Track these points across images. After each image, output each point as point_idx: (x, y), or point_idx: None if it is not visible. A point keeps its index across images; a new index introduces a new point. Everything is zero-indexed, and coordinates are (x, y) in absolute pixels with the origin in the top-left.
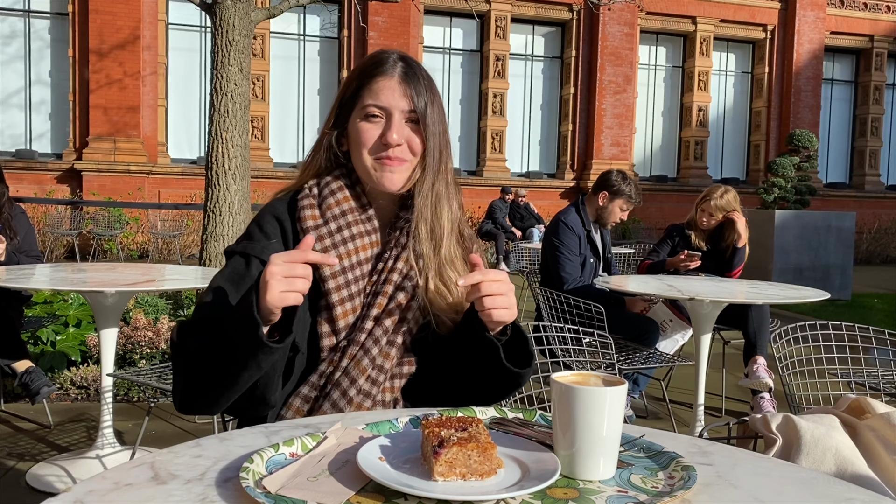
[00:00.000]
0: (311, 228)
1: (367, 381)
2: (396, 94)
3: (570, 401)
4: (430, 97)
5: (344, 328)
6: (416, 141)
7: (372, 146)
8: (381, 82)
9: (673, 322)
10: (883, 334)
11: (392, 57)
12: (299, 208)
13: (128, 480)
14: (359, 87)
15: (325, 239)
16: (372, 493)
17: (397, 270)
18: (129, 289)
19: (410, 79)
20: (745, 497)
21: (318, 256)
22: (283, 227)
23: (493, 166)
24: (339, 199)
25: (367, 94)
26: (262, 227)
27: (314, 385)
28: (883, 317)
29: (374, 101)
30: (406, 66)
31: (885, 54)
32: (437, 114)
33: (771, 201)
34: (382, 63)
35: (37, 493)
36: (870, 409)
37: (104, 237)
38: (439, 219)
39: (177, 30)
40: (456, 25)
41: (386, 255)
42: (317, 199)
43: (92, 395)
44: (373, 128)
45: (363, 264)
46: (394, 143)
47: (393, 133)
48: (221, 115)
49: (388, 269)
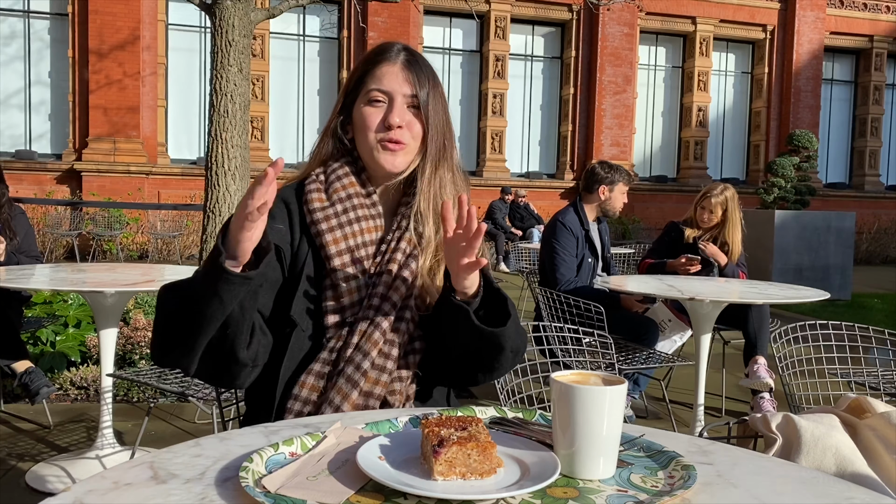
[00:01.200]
0: (318, 210)
1: (381, 355)
2: (399, 79)
3: (569, 400)
4: (432, 86)
5: (350, 306)
6: (416, 126)
7: (374, 128)
8: (385, 68)
9: (672, 322)
10: (883, 334)
11: (396, 46)
12: (306, 192)
13: (127, 480)
14: (363, 74)
15: (332, 219)
16: (371, 493)
17: (401, 250)
18: (128, 289)
19: (413, 66)
20: (745, 496)
21: (270, 174)
22: (289, 210)
23: (493, 167)
24: (344, 183)
25: (371, 79)
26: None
27: (326, 361)
28: (883, 317)
29: (377, 85)
30: (409, 55)
31: (885, 54)
32: (438, 103)
33: (771, 201)
34: (386, 51)
35: (36, 493)
36: (870, 408)
37: (104, 238)
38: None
39: (176, 30)
40: (455, 26)
41: (389, 237)
42: (324, 184)
43: (91, 396)
44: (375, 111)
45: (367, 246)
46: (395, 124)
47: (395, 116)
48: (221, 116)
49: (391, 249)
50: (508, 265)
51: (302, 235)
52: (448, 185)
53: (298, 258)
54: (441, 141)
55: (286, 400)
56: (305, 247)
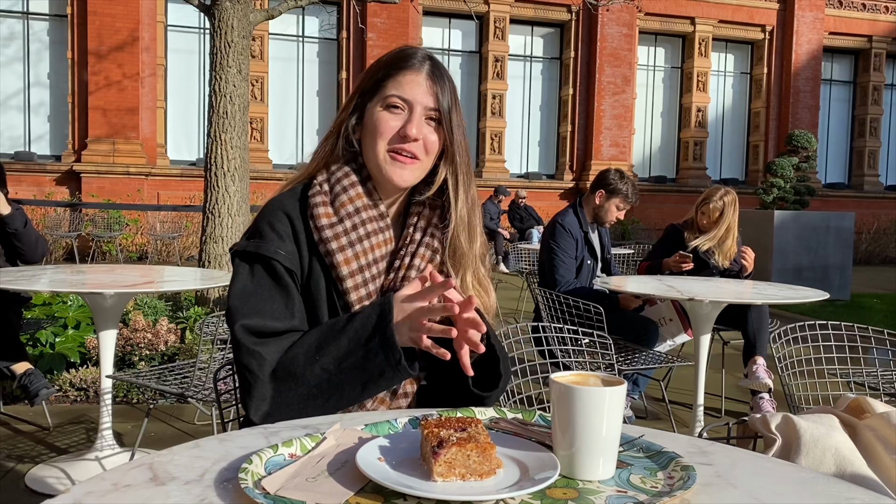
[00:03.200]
0: (326, 227)
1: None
2: (422, 89)
3: (569, 401)
4: (453, 100)
5: None
6: (431, 140)
7: (389, 137)
8: (409, 76)
9: (672, 322)
10: (882, 334)
11: (420, 53)
12: (312, 205)
13: (126, 481)
14: (384, 77)
15: (342, 237)
16: (371, 494)
17: (415, 267)
18: (128, 290)
19: (437, 78)
20: (744, 497)
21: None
22: (294, 227)
23: (493, 167)
24: (351, 195)
25: (392, 84)
26: (273, 226)
27: None
28: (882, 317)
29: (398, 91)
30: (434, 65)
31: (884, 55)
32: (458, 118)
33: (770, 202)
34: (410, 58)
35: (36, 494)
36: (869, 408)
37: (103, 239)
38: (477, 221)
39: (175, 31)
40: (455, 26)
41: (402, 252)
42: (328, 195)
43: (91, 397)
44: (393, 118)
45: (379, 262)
46: (412, 136)
47: (413, 127)
48: (220, 117)
49: (405, 265)
50: (508, 265)
51: (311, 255)
52: (478, 203)
53: (311, 279)
54: (465, 155)
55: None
56: (316, 265)
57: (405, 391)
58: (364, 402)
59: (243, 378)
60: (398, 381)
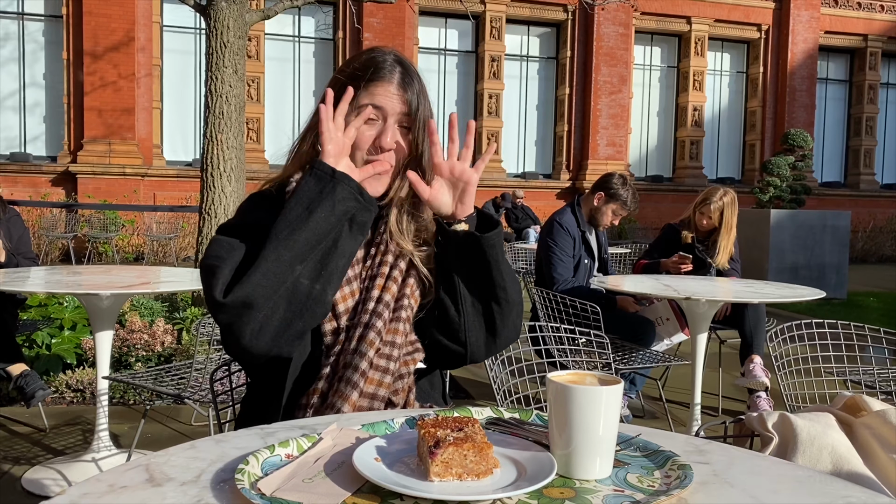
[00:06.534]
0: None
1: (380, 356)
2: (395, 98)
3: (566, 400)
4: (422, 97)
5: (344, 312)
6: (402, 146)
7: (366, 148)
8: (380, 86)
9: (669, 321)
10: (878, 332)
11: (389, 59)
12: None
13: (123, 483)
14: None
15: None
16: (368, 494)
17: (391, 252)
18: (124, 291)
19: (408, 84)
20: (741, 496)
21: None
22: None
23: (489, 167)
24: None
25: (364, 94)
26: (246, 214)
27: (327, 367)
28: (878, 315)
29: (371, 101)
30: (403, 71)
31: (879, 53)
32: (426, 110)
33: (766, 201)
34: (381, 66)
35: (32, 496)
36: (866, 406)
37: (99, 240)
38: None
39: (171, 32)
40: (451, 26)
41: (377, 240)
42: None
43: (87, 399)
44: (367, 128)
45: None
46: (387, 147)
47: (387, 137)
48: (216, 117)
49: (380, 252)
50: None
51: None
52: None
53: None
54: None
55: (292, 410)
56: None
57: (401, 373)
58: (339, 286)
59: (208, 267)
60: (354, 193)
